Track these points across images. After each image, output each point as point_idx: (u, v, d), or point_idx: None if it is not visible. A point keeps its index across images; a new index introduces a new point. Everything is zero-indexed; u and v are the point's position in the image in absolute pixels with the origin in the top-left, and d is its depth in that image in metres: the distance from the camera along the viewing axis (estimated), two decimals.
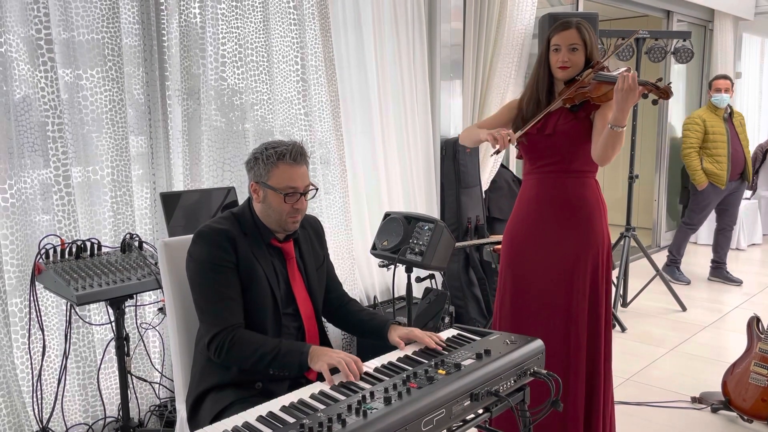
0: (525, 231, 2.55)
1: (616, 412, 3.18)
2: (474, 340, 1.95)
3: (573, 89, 2.37)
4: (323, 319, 2.13)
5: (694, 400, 3.30)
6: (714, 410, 3.20)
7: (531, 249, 2.53)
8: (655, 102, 2.32)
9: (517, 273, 2.56)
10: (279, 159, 1.88)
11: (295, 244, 2.03)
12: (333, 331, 2.17)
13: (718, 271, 5.66)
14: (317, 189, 1.98)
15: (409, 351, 1.88)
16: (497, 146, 2.29)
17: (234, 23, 3.11)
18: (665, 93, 2.26)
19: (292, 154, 1.89)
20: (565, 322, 2.49)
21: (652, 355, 3.97)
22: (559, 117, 2.44)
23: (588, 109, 2.43)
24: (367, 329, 2.07)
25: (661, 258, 6.49)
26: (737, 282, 5.54)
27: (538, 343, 1.87)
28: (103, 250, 2.60)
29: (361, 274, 3.88)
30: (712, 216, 5.70)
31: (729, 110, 5.36)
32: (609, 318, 2.58)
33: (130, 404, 2.62)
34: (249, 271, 1.89)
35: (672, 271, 5.65)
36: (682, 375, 3.67)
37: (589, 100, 2.38)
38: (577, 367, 2.48)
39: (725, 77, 5.28)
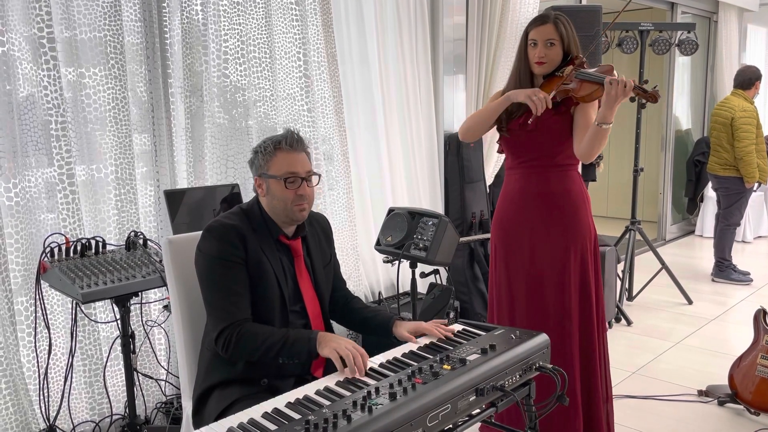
0: (513, 226, 2.55)
1: (623, 406, 3.18)
2: (479, 335, 1.94)
3: (555, 86, 2.36)
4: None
5: (700, 393, 3.29)
6: (721, 403, 3.19)
7: (520, 244, 2.54)
8: (643, 105, 2.31)
9: (510, 267, 2.57)
10: (276, 147, 1.89)
11: (303, 242, 2.03)
12: (338, 329, 2.17)
13: (726, 271, 5.48)
14: (320, 176, 1.98)
15: (414, 346, 1.88)
16: (538, 110, 2.27)
17: (236, 20, 3.10)
18: (653, 97, 2.26)
19: (288, 140, 1.90)
20: (558, 316, 2.49)
21: (658, 349, 3.96)
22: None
23: (568, 104, 2.43)
24: (373, 326, 2.08)
25: (666, 251, 6.47)
26: (746, 280, 5.38)
27: (543, 338, 1.87)
28: (108, 248, 2.61)
29: (366, 269, 3.88)
30: (715, 211, 5.61)
31: None
32: (601, 311, 2.57)
33: (136, 401, 2.62)
34: (257, 268, 1.89)
35: (729, 274, 5.39)
36: (689, 368, 3.66)
37: (573, 98, 2.38)
38: (571, 362, 2.48)
39: None
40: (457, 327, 2.04)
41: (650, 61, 4.78)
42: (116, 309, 2.55)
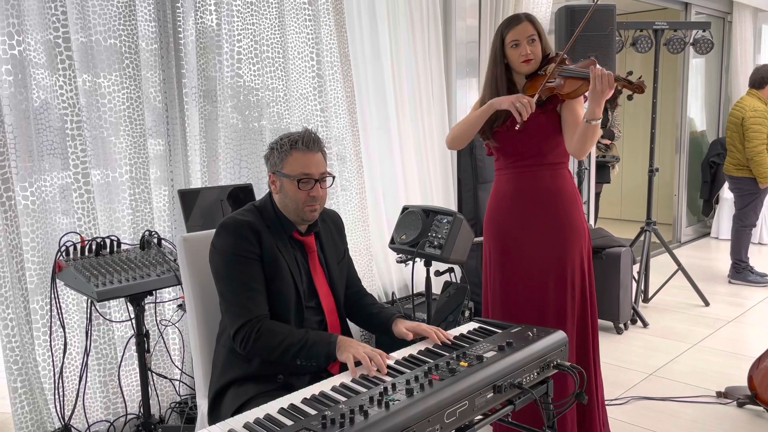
0: (507, 227, 2.52)
1: (640, 408, 3.15)
2: (496, 332, 1.93)
3: (539, 85, 2.34)
4: None
5: (719, 394, 3.24)
6: (740, 405, 3.14)
7: (516, 245, 2.50)
8: (630, 97, 2.30)
9: (506, 269, 2.53)
10: (292, 147, 1.89)
11: (316, 238, 2.03)
12: (353, 327, 2.16)
13: (743, 273, 5.42)
14: (334, 177, 1.97)
15: (429, 344, 1.87)
16: (522, 116, 2.23)
17: (249, 20, 3.11)
18: (639, 88, 2.23)
19: (305, 140, 1.89)
20: (556, 316, 2.47)
21: (675, 350, 3.91)
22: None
23: (555, 102, 2.42)
24: (375, 323, 2.07)
25: (682, 253, 6.41)
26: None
27: (560, 335, 1.85)
28: (123, 247, 2.61)
29: (379, 270, 3.87)
30: (730, 212, 5.54)
31: None
32: (594, 310, 2.56)
33: (150, 401, 2.62)
34: (273, 264, 1.88)
35: (746, 275, 5.34)
36: (706, 370, 3.61)
37: (558, 95, 2.36)
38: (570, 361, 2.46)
39: None
40: (474, 325, 2.02)
41: (664, 63, 4.74)
42: (131, 308, 2.55)
